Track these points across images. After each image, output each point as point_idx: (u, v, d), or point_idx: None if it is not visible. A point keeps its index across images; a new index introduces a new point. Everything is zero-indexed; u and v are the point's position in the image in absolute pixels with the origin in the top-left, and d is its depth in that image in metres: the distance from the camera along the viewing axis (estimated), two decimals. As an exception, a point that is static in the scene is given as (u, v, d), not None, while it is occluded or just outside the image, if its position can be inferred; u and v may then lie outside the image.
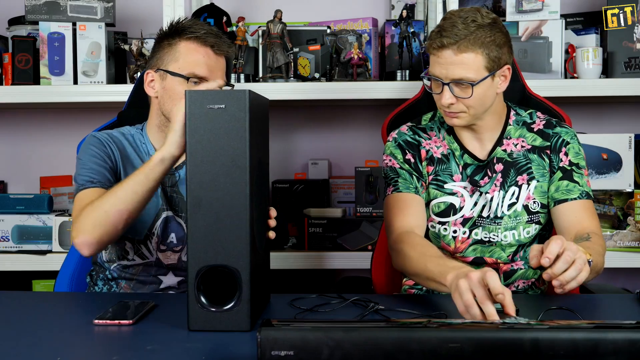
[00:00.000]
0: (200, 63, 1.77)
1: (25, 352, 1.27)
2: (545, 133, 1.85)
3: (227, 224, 1.35)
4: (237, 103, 1.35)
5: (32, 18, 2.59)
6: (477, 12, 1.73)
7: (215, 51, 1.79)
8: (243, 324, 1.36)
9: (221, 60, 1.82)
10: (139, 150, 1.85)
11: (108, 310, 1.48)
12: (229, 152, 1.35)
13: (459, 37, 1.68)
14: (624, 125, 2.83)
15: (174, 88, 1.77)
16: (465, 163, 1.84)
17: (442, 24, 1.72)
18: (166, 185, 1.82)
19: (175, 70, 1.77)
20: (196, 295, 1.36)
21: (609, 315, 1.59)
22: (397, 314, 1.50)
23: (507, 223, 1.82)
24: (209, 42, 1.78)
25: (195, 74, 1.76)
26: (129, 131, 1.88)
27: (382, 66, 2.68)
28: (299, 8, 2.90)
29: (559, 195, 1.81)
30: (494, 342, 1.09)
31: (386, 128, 2.09)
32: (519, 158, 1.84)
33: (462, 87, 1.72)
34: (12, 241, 2.61)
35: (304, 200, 2.69)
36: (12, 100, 2.57)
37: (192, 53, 1.78)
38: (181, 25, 1.81)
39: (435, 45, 1.71)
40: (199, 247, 1.36)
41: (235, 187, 1.35)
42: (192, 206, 1.36)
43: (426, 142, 1.88)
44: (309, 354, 1.07)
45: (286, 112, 2.93)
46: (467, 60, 1.70)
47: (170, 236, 1.82)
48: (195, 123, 1.36)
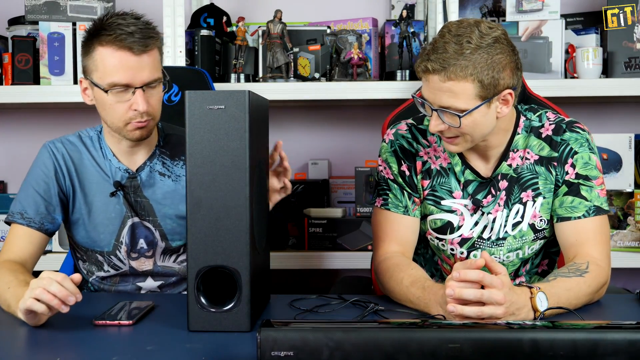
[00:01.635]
0: (119, 69, 1.62)
1: (26, 352, 1.27)
2: (553, 141, 1.68)
3: (227, 225, 1.35)
4: (237, 103, 1.35)
5: (32, 18, 2.59)
6: (476, 29, 1.54)
7: (135, 52, 1.62)
8: (243, 324, 1.36)
9: (145, 58, 1.64)
10: (97, 155, 1.78)
11: (108, 311, 1.49)
12: (229, 153, 1.35)
13: (447, 64, 1.51)
14: (624, 125, 2.83)
15: (102, 98, 1.66)
16: (466, 180, 1.70)
17: (434, 43, 1.55)
18: (128, 192, 1.76)
19: (97, 81, 1.65)
20: (196, 295, 1.36)
21: (609, 315, 1.59)
22: (396, 315, 1.50)
23: (511, 244, 1.71)
24: (126, 44, 1.62)
25: (115, 82, 1.63)
26: (87, 134, 1.81)
27: (382, 66, 2.68)
28: (299, 8, 2.90)
29: (562, 212, 1.66)
30: (494, 342, 1.09)
31: (386, 128, 2.09)
32: (523, 172, 1.68)
33: (451, 115, 1.56)
34: (12, 241, 2.61)
35: (304, 200, 2.69)
36: (12, 100, 2.57)
37: (109, 59, 1.63)
38: (96, 27, 1.66)
39: (421, 69, 1.56)
40: (198, 248, 1.36)
41: (235, 187, 1.35)
42: (192, 207, 1.36)
43: (424, 150, 1.75)
44: (308, 355, 1.07)
45: (286, 112, 2.93)
46: (455, 89, 1.53)
47: (140, 242, 1.78)
48: (195, 124, 1.36)
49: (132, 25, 1.64)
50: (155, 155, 1.80)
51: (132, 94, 1.64)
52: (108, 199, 1.76)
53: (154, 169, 1.79)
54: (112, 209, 1.76)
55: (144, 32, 1.65)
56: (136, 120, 1.66)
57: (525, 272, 1.79)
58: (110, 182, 1.76)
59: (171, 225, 1.78)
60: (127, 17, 1.66)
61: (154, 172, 1.78)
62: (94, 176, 1.77)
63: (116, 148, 1.77)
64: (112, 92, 1.64)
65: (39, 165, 1.77)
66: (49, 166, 1.76)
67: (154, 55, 1.67)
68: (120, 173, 1.77)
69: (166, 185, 1.79)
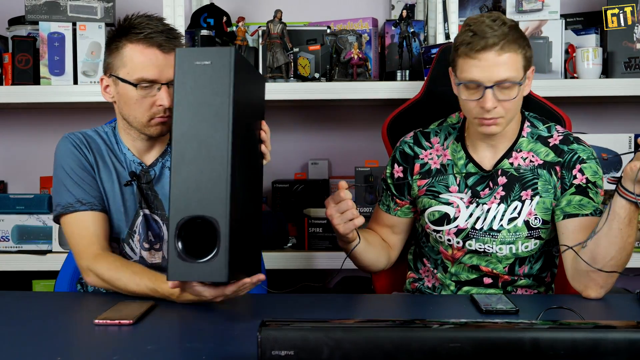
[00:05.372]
0: (148, 66, 1.71)
1: (26, 352, 1.27)
2: (559, 149, 1.77)
3: (208, 176, 1.36)
4: (222, 59, 1.38)
5: (32, 18, 2.59)
6: (499, 15, 1.69)
7: (164, 50, 1.72)
8: (221, 274, 1.35)
9: (171, 57, 1.71)
10: (114, 149, 1.82)
11: (108, 310, 1.48)
12: (213, 107, 1.37)
13: (499, 38, 1.64)
14: (624, 125, 2.83)
15: (127, 94, 1.73)
16: (468, 172, 1.80)
17: (473, 29, 1.66)
18: (142, 182, 1.80)
19: (124, 76, 1.72)
20: (175, 245, 1.36)
21: (609, 315, 1.59)
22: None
23: (504, 237, 1.77)
24: (156, 42, 1.71)
25: (144, 78, 1.71)
26: (103, 130, 1.86)
27: (382, 66, 2.68)
28: (299, 8, 2.90)
29: (570, 209, 1.74)
30: (494, 342, 1.09)
31: (386, 128, 2.09)
32: (525, 173, 1.77)
33: (506, 88, 1.66)
34: (12, 241, 2.61)
35: (304, 200, 2.69)
36: (12, 100, 2.57)
37: (138, 56, 1.71)
38: (126, 26, 1.74)
39: (477, 48, 1.64)
40: (180, 200, 1.37)
41: (217, 140, 1.37)
42: (176, 159, 1.38)
43: (426, 152, 1.86)
44: (309, 354, 1.07)
45: (286, 112, 2.93)
46: (509, 60, 1.65)
47: (149, 234, 1.81)
48: (183, 79, 1.38)
49: (161, 25, 1.74)
50: (167, 152, 1.83)
51: (157, 90, 1.71)
52: (124, 188, 1.79)
53: (165, 165, 1.82)
54: (127, 197, 1.79)
55: (171, 32, 1.75)
56: (159, 115, 1.73)
57: (522, 274, 1.82)
58: (125, 172, 1.80)
59: None
60: (153, 19, 1.76)
61: (165, 168, 1.82)
62: (110, 165, 1.80)
63: (131, 145, 1.81)
64: (140, 87, 1.71)
65: (67, 154, 1.79)
66: (75, 153, 1.79)
67: None
68: (135, 165, 1.81)
69: None
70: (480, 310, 1.50)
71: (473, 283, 1.83)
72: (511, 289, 1.83)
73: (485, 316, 1.48)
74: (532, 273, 1.82)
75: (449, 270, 1.85)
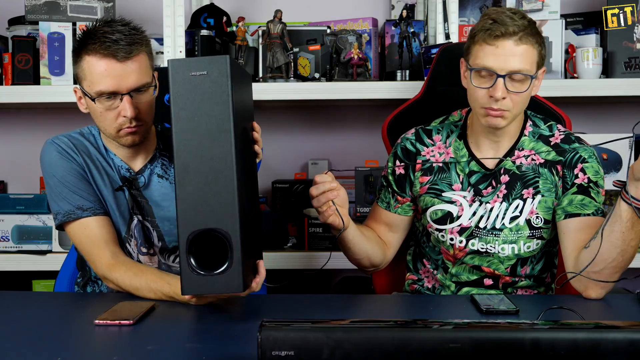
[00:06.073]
0: (105, 77, 1.63)
1: (25, 352, 1.27)
2: (561, 148, 1.77)
3: (215, 188, 1.36)
4: (219, 68, 1.37)
5: (32, 18, 2.59)
6: (520, 10, 1.68)
7: (120, 59, 1.62)
8: (236, 286, 1.36)
9: (130, 64, 1.64)
10: (102, 153, 1.79)
11: (108, 311, 1.48)
12: (213, 117, 1.36)
13: (519, 28, 1.62)
14: (624, 125, 2.82)
15: (92, 106, 1.68)
16: (471, 170, 1.79)
17: (493, 17, 1.64)
18: (132, 189, 1.77)
19: (87, 89, 1.67)
20: (187, 260, 1.36)
21: (609, 315, 1.59)
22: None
23: (507, 236, 1.77)
24: (110, 51, 1.62)
25: (102, 90, 1.64)
26: (89, 131, 1.82)
27: (382, 66, 2.68)
28: (299, 8, 2.90)
29: (572, 208, 1.74)
30: (494, 342, 1.09)
31: (386, 128, 2.09)
32: (527, 172, 1.77)
33: (518, 80, 1.65)
34: (12, 241, 2.61)
35: (304, 200, 2.69)
36: (12, 100, 2.57)
37: (95, 68, 1.63)
38: (84, 36, 1.66)
39: (497, 34, 1.63)
40: (188, 213, 1.36)
41: (222, 151, 1.36)
42: (180, 172, 1.37)
43: (427, 149, 1.84)
44: (309, 354, 1.07)
45: (286, 112, 2.93)
46: (526, 52, 1.63)
47: (141, 240, 1.78)
48: (179, 91, 1.37)
49: (117, 33, 1.64)
50: (155, 158, 1.81)
51: (120, 101, 1.65)
52: (116, 192, 1.76)
53: (154, 171, 1.79)
54: (120, 202, 1.77)
55: (128, 38, 1.64)
56: (126, 126, 1.67)
57: (524, 275, 1.81)
58: (115, 176, 1.77)
59: (168, 227, 1.78)
60: (114, 24, 1.66)
61: (153, 174, 1.79)
62: (100, 168, 1.77)
63: (116, 151, 1.78)
64: (100, 100, 1.65)
65: (56, 162, 1.74)
66: (63, 160, 1.74)
67: (140, 60, 1.66)
68: (123, 171, 1.78)
69: (163, 187, 1.79)
70: (481, 310, 1.50)
71: (474, 284, 1.83)
72: (511, 290, 1.83)
73: (486, 316, 1.48)
74: (534, 274, 1.82)
75: (449, 271, 1.84)
